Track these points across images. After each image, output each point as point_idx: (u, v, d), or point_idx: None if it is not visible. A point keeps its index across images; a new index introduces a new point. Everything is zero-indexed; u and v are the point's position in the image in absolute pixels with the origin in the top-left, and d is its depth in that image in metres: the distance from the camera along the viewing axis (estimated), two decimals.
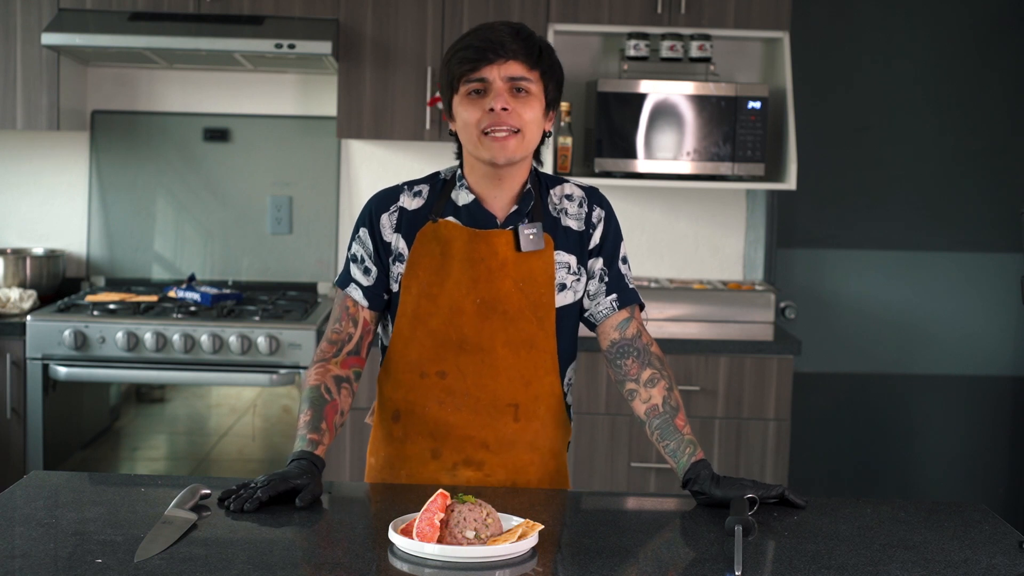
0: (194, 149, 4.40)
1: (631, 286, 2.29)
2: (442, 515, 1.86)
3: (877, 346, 4.66)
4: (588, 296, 2.28)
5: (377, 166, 4.44)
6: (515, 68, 2.12)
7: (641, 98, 4.05)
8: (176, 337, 3.76)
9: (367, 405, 3.84)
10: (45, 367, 3.79)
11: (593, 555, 1.90)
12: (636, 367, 2.26)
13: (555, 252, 2.22)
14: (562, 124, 4.07)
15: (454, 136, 2.21)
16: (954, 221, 4.65)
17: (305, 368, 3.79)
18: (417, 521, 1.86)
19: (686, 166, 4.07)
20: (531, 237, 2.20)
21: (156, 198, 4.40)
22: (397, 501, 2.17)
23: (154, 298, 4.06)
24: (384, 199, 2.25)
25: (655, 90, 4.06)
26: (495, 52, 2.10)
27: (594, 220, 2.26)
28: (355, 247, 2.27)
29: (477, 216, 2.20)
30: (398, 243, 2.22)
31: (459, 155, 2.26)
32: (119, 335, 3.76)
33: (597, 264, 2.26)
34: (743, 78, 4.39)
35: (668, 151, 4.06)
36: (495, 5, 4.05)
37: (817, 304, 4.63)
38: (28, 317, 3.80)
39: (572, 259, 2.24)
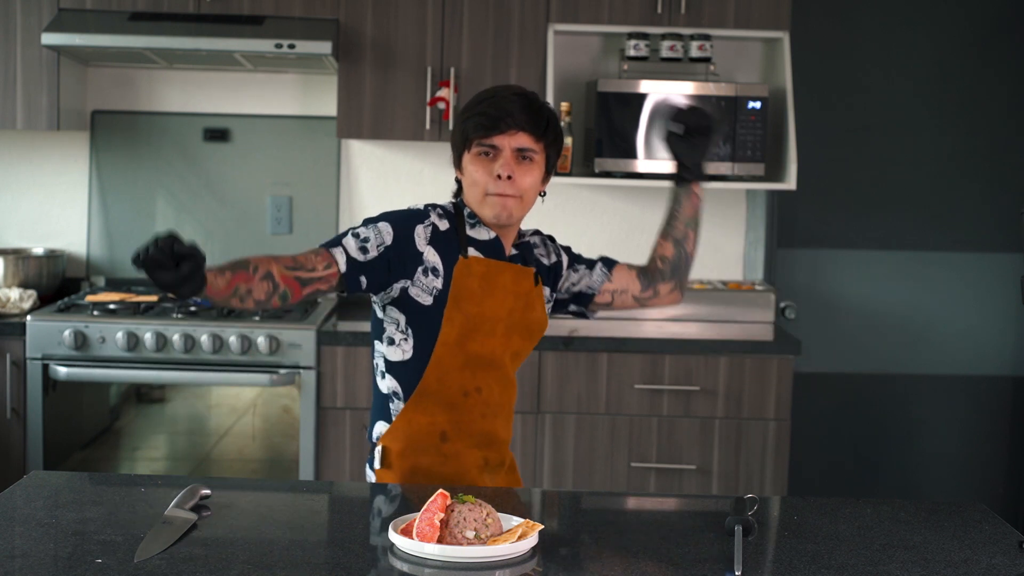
0: (194, 149, 4.40)
1: (600, 257, 2.57)
2: (442, 515, 1.86)
3: (877, 346, 4.66)
4: (572, 287, 2.50)
5: (377, 166, 4.44)
6: (523, 139, 2.32)
7: (641, 98, 4.05)
8: (176, 337, 3.76)
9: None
10: (45, 367, 3.79)
11: (593, 555, 1.91)
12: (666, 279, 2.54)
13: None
14: (562, 124, 4.07)
15: (458, 183, 2.41)
16: (954, 221, 4.65)
17: (306, 368, 3.80)
18: (417, 521, 1.86)
19: None
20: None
21: (156, 198, 4.40)
22: (397, 501, 2.17)
23: (154, 298, 4.06)
24: (417, 214, 2.36)
25: (655, 90, 4.05)
26: (506, 123, 2.31)
27: (553, 254, 2.52)
28: (365, 231, 2.30)
29: (497, 252, 2.39)
30: (431, 256, 2.31)
31: (458, 194, 2.42)
32: (119, 335, 3.76)
33: (570, 268, 2.51)
34: (743, 78, 4.38)
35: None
36: (495, 5, 4.05)
37: (817, 304, 4.63)
38: (28, 317, 3.80)
39: (547, 290, 2.50)
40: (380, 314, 2.38)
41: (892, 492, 4.69)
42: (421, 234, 2.31)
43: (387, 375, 2.37)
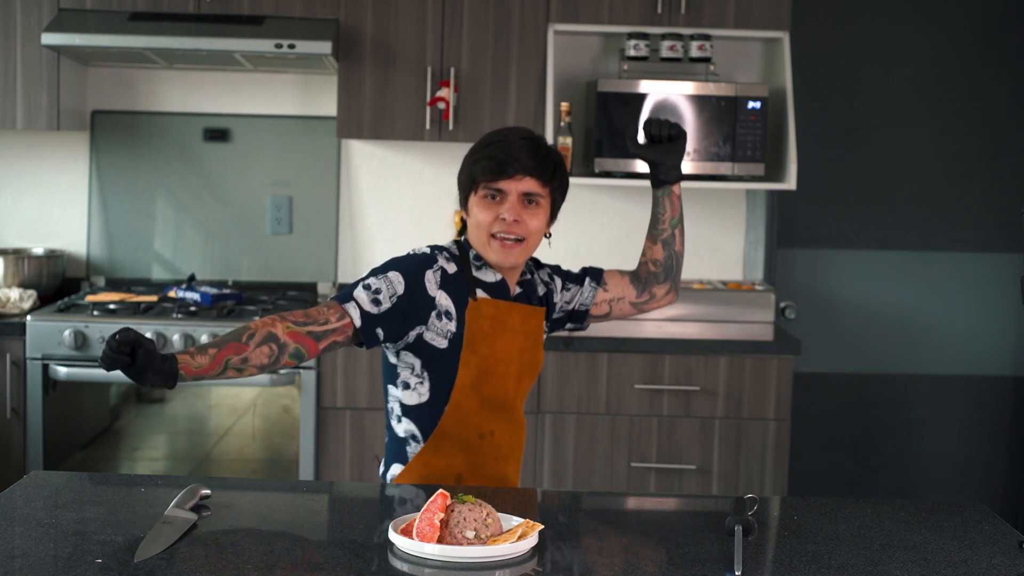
0: (194, 149, 4.40)
1: (582, 269, 2.57)
2: (442, 515, 1.86)
3: (877, 346, 4.66)
4: (565, 306, 2.51)
5: (377, 166, 4.44)
6: (530, 184, 2.34)
7: (641, 98, 4.05)
8: (176, 337, 3.76)
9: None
10: (45, 367, 3.79)
11: (593, 555, 1.91)
12: (663, 281, 2.55)
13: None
14: (562, 124, 4.07)
15: (463, 222, 2.42)
16: (954, 221, 4.65)
17: (306, 368, 3.80)
18: (417, 521, 1.86)
19: (686, 166, 4.07)
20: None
21: (156, 198, 4.40)
22: (397, 501, 2.17)
23: (154, 298, 4.06)
24: (425, 260, 2.36)
25: (655, 90, 4.06)
26: (514, 168, 2.33)
27: (541, 284, 2.50)
28: (376, 282, 2.29)
29: (504, 293, 2.41)
30: (443, 300, 2.32)
31: (462, 233, 2.44)
32: None
33: (562, 290, 2.52)
34: (743, 78, 4.39)
35: None
36: (495, 5, 4.05)
37: (817, 304, 4.63)
38: (28, 317, 3.80)
39: (545, 323, 2.51)
40: (393, 359, 2.37)
41: (892, 492, 4.69)
42: (431, 279, 2.32)
43: (404, 418, 2.37)
